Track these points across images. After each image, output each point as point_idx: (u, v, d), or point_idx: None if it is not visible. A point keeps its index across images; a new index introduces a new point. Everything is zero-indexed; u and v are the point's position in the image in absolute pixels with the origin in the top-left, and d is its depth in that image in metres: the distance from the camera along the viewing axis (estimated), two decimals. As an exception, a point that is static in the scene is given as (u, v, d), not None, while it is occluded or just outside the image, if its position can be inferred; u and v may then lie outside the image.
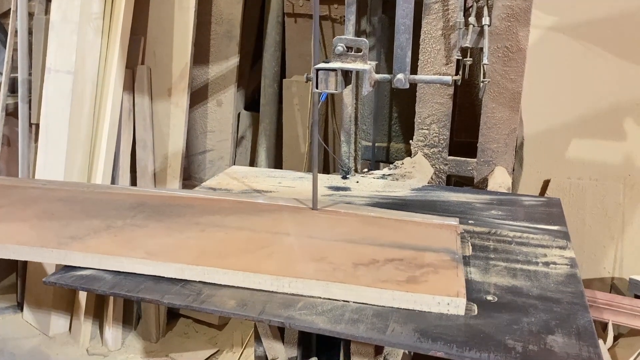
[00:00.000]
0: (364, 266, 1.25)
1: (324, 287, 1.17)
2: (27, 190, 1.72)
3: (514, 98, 2.09)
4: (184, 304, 1.20)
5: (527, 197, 1.89)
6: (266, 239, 1.38)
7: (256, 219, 1.50)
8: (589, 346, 1.05)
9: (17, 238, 1.36)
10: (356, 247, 1.35)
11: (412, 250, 1.34)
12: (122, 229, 1.42)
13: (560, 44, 2.47)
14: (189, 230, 1.42)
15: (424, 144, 2.26)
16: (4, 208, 1.57)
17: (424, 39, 2.13)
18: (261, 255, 1.30)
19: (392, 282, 1.18)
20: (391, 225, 1.49)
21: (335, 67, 1.37)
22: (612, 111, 2.41)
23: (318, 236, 1.41)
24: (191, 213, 1.53)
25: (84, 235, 1.38)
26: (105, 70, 2.81)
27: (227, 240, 1.37)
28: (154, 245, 1.34)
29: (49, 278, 1.31)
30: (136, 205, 1.59)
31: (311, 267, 1.24)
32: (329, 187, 1.96)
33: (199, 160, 3.27)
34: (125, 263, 1.27)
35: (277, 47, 3.16)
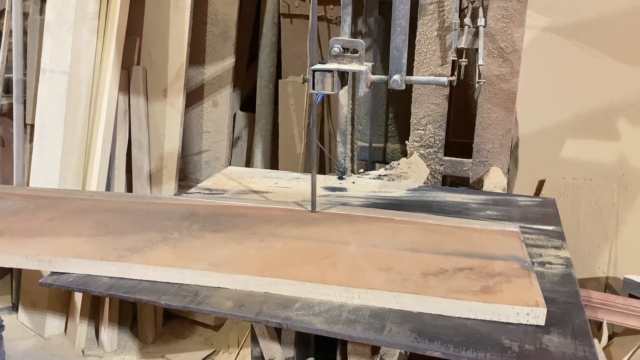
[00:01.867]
0: (434, 276, 1.22)
1: (396, 298, 1.14)
2: (74, 201, 1.69)
3: (509, 98, 2.10)
4: (181, 305, 1.20)
5: (522, 198, 1.90)
6: (326, 249, 1.35)
7: (312, 228, 1.47)
8: (584, 345, 1.05)
9: (75, 251, 1.33)
10: (421, 256, 1.32)
11: (480, 258, 1.31)
12: (180, 240, 1.39)
13: (554, 44, 2.48)
14: (248, 241, 1.40)
15: (419, 144, 2.26)
16: (55, 220, 1.54)
17: (420, 40, 2.14)
18: (325, 266, 1.26)
19: (466, 292, 1.15)
20: (451, 233, 1.46)
21: (332, 68, 1.37)
22: (606, 111, 2.42)
23: (379, 245, 1.38)
24: (245, 223, 1.51)
25: (142, 247, 1.35)
26: (101, 71, 2.80)
27: (287, 250, 1.35)
28: (215, 256, 1.31)
29: (46, 279, 1.31)
30: (188, 215, 1.56)
31: (380, 277, 1.21)
32: (326, 188, 1.96)
33: (194, 160, 3.27)
34: (188, 275, 1.24)
35: (272, 48, 3.16)
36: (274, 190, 1.92)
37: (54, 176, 2.73)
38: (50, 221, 1.54)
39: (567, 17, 2.43)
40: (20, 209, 1.64)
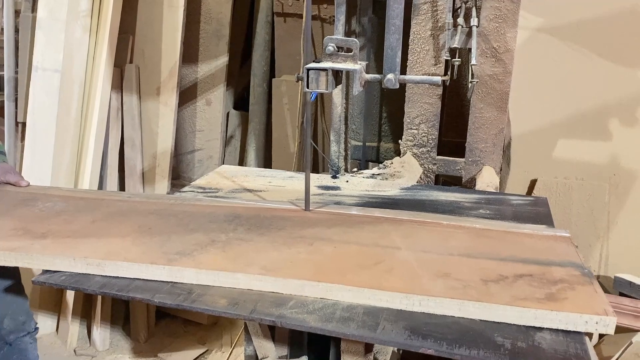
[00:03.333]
0: (494, 283, 1.19)
1: (459, 305, 1.12)
2: (113, 203, 1.68)
3: (501, 98, 2.11)
4: (175, 304, 1.20)
5: (515, 197, 1.91)
6: (378, 254, 1.33)
7: (359, 232, 1.46)
8: (576, 343, 1.06)
9: (123, 255, 1.31)
10: (477, 262, 1.30)
11: (537, 264, 1.28)
12: (229, 244, 1.38)
13: (547, 45, 2.50)
14: (297, 245, 1.38)
15: (412, 143, 2.27)
16: (97, 222, 1.52)
17: (413, 40, 2.14)
18: (380, 271, 1.25)
19: (531, 300, 1.12)
20: (502, 238, 1.44)
21: (326, 67, 1.38)
22: (597, 112, 2.44)
23: (432, 250, 1.36)
24: (290, 225, 1.49)
25: (192, 250, 1.34)
26: (93, 69, 2.79)
27: (338, 254, 1.33)
28: (266, 260, 1.29)
29: (38, 278, 1.30)
30: (231, 217, 1.55)
31: (439, 284, 1.19)
32: (319, 187, 1.96)
33: (187, 159, 3.26)
34: (242, 279, 1.22)
35: (266, 47, 3.16)
36: (268, 189, 1.92)
37: (46, 175, 2.72)
38: (92, 223, 1.52)
39: (560, 18, 2.45)
40: (60, 210, 1.62)
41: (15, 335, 1.83)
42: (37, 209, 1.63)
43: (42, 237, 1.42)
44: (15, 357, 1.85)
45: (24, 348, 1.87)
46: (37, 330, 1.93)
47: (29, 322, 1.88)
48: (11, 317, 1.82)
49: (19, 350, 1.85)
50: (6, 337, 1.82)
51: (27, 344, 1.87)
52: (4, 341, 1.83)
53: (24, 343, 1.86)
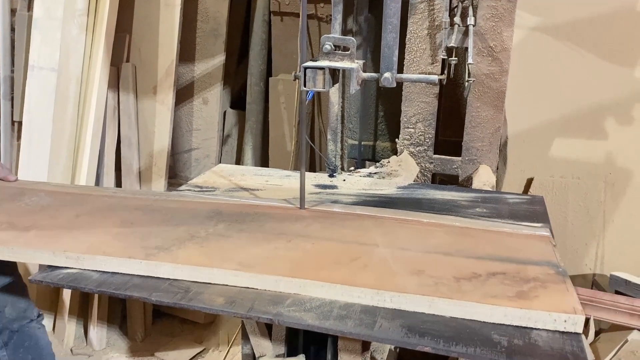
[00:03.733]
0: (467, 280, 1.21)
1: (430, 302, 1.13)
2: (101, 198, 1.68)
3: (498, 97, 2.12)
4: (173, 302, 1.20)
5: (511, 195, 1.92)
6: (356, 251, 1.35)
7: (340, 229, 1.47)
8: (572, 340, 1.07)
9: (102, 249, 1.33)
10: (453, 260, 1.31)
11: (513, 263, 1.29)
12: (207, 239, 1.39)
13: (543, 44, 2.50)
14: (276, 241, 1.39)
15: (409, 142, 2.27)
16: (81, 217, 1.53)
17: (410, 39, 2.15)
18: (355, 268, 1.26)
19: (502, 297, 1.13)
20: (482, 236, 1.46)
21: (324, 66, 1.38)
22: (593, 111, 2.45)
23: (410, 248, 1.37)
24: (272, 222, 1.51)
25: (170, 245, 1.35)
26: (90, 68, 2.78)
27: (315, 251, 1.34)
28: (244, 256, 1.30)
29: (35, 277, 1.30)
30: (213, 214, 1.55)
31: (412, 281, 1.20)
32: (316, 185, 1.97)
33: (184, 158, 3.26)
34: (217, 274, 1.23)
35: (263, 46, 3.16)
36: (265, 188, 1.92)
37: (42, 173, 2.71)
38: (76, 218, 1.53)
39: (556, 17, 2.46)
40: (46, 205, 1.63)
41: (19, 323, 1.86)
42: (24, 203, 1.64)
43: (26, 231, 1.44)
44: (27, 344, 1.88)
45: (33, 334, 1.89)
46: (42, 317, 1.96)
47: (30, 309, 1.90)
48: (12, 306, 1.84)
49: (28, 336, 1.88)
50: (10, 326, 1.85)
51: (34, 330, 1.90)
52: (9, 329, 1.85)
53: (31, 329, 1.89)
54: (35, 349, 1.89)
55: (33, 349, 1.89)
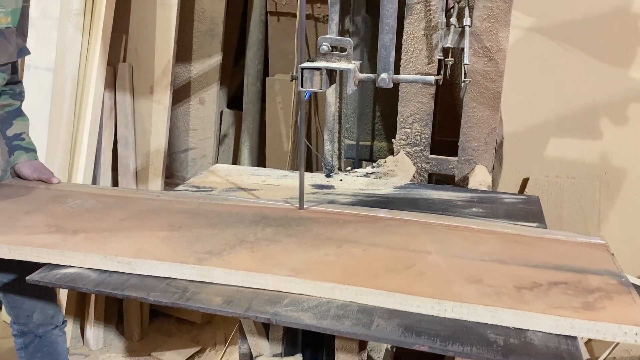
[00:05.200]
0: (528, 290, 1.18)
1: (492, 312, 1.10)
2: (142, 201, 1.68)
3: (494, 97, 2.13)
4: (170, 302, 1.21)
5: (507, 195, 1.93)
6: (408, 258, 1.32)
7: (388, 236, 1.45)
8: (567, 339, 1.08)
9: (153, 253, 1.32)
10: (510, 269, 1.28)
11: (572, 272, 1.26)
12: (257, 244, 1.38)
13: (538, 44, 2.52)
14: (325, 247, 1.37)
15: (406, 142, 2.28)
16: (127, 220, 1.53)
17: (407, 39, 2.15)
18: (410, 276, 1.23)
19: (567, 308, 1.10)
20: (534, 244, 1.42)
21: (321, 66, 1.38)
22: (588, 111, 2.46)
23: (463, 255, 1.34)
24: (318, 227, 1.49)
25: (221, 250, 1.34)
26: (86, 68, 2.78)
27: (367, 258, 1.32)
28: (295, 262, 1.29)
29: (33, 276, 1.30)
30: (259, 218, 1.55)
31: (471, 290, 1.17)
32: (313, 186, 1.97)
33: (181, 158, 3.26)
34: (270, 281, 1.22)
35: (260, 46, 3.16)
36: (262, 188, 1.93)
37: (39, 173, 2.70)
38: (122, 221, 1.52)
39: (552, 18, 2.47)
40: (90, 208, 1.63)
41: (44, 328, 1.87)
42: (68, 206, 1.64)
43: (74, 234, 1.43)
44: (45, 350, 1.89)
45: (54, 340, 1.90)
46: (66, 324, 1.97)
47: (57, 316, 1.92)
48: (40, 311, 1.85)
49: (49, 342, 1.89)
50: (35, 330, 1.86)
51: (56, 337, 1.91)
52: (34, 334, 1.86)
53: (54, 336, 1.90)
54: (52, 356, 1.90)
55: (50, 355, 1.90)
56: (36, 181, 1.84)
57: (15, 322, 1.85)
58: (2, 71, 1.73)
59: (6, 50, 1.70)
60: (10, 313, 1.84)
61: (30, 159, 1.87)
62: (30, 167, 1.85)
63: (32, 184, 1.82)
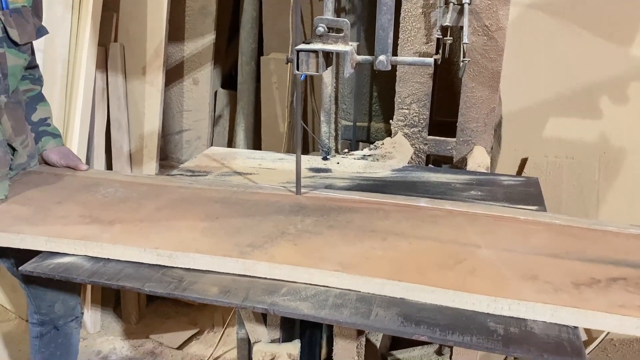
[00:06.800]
0: (587, 287, 1.13)
1: (552, 311, 1.07)
2: (177, 190, 1.63)
3: (493, 77, 2.09)
4: (166, 292, 1.19)
5: (506, 177, 1.91)
6: (457, 252, 1.28)
7: (434, 227, 1.40)
8: (567, 327, 1.07)
9: (194, 245, 1.29)
10: (565, 263, 1.23)
11: (630, 267, 1.21)
12: (299, 237, 1.34)
13: (538, 21, 2.46)
14: (369, 239, 1.33)
15: (404, 123, 2.25)
16: (163, 210, 1.48)
17: (404, 17, 2.10)
18: (463, 271, 1.19)
19: (631, 307, 1.06)
20: (586, 236, 1.37)
21: (317, 49, 1.34)
22: (588, 89, 2.43)
23: (514, 249, 1.29)
24: (359, 218, 1.45)
25: (263, 243, 1.31)
26: (77, 48, 2.71)
27: (414, 251, 1.28)
28: (341, 255, 1.25)
29: (26, 267, 1.28)
30: (297, 208, 1.51)
31: (527, 287, 1.13)
32: (310, 169, 1.95)
33: (175, 140, 3.22)
34: (317, 275, 1.19)
35: (254, 24, 3.09)
36: (258, 172, 1.90)
37: (31, 157, 2.66)
38: (157, 211, 1.48)
39: (552, -6, 2.42)
40: (123, 197, 1.58)
41: (64, 320, 1.85)
42: (100, 195, 1.60)
43: (110, 225, 1.40)
44: (60, 341, 1.87)
45: (69, 332, 1.89)
46: (82, 315, 1.96)
47: (77, 307, 1.90)
48: (62, 302, 1.83)
49: (64, 334, 1.88)
50: (55, 322, 1.84)
51: (72, 329, 1.90)
52: (53, 325, 1.84)
53: (70, 328, 1.89)
54: (65, 347, 1.89)
55: (64, 346, 1.89)
56: (64, 168, 1.79)
57: (36, 312, 1.82)
58: (24, 52, 1.67)
59: (25, 29, 1.64)
60: (32, 303, 1.82)
61: (57, 144, 1.83)
62: (58, 153, 1.81)
63: (60, 171, 1.77)
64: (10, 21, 1.59)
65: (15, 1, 1.60)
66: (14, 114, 1.67)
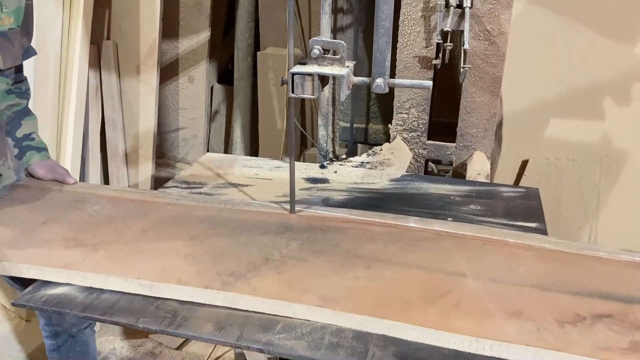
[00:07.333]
0: (571, 325, 1.10)
1: (534, 353, 1.04)
2: (164, 207, 1.60)
3: (494, 83, 2.05)
4: (160, 329, 1.18)
5: (506, 188, 1.88)
6: (442, 282, 1.25)
7: (421, 253, 1.37)
8: None
9: (176, 274, 1.26)
10: (551, 296, 1.20)
11: (617, 301, 1.17)
12: (283, 264, 1.31)
13: (541, 18, 2.40)
14: (354, 267, 1.30)
15: (402, 128, 2.21)
16: (148, 232, 1.46)
17: (404, 21, 2.05)
18: (446, 306, 1.17)
19: (614, 350, 1.02)
20: (576, 263, 1.33)
21: (312, 72, 1.30)
22: (591, 90, 2.38)
23: (501, 279, 1.26)
24: (346, 241, 1.42)
25: (245, 271, 1.28)
26: (69, 46, 2.65)
27: (399, 281, 1.25)
28: (325, 286, 1.23)
29: (18, 300, 1.26)
30: (283, 229, 1.47)
31: (511, 325, 1.10)
32: (307, 179, 1.92)
33: (171, 138, 3.18)
34: (299, 310, 1.17)
35: (250, 17, 3.02)
36: (255, 183, 1.87)
37: (26, 157, 2.63)
38: (143, 233, 1.45)
39: (556, -10, 2.35)
40: (109, 216, 1.55)
41: (77, 327, 1.84)
42: (86, 213, 1.57)
43: (94, 251, 1.37)
44: (78, 349, 1.87)
45: (86, 340, 1.89)
46: (96, 323, 1.95)
47: None
48: None
49: (81, 342, 1.87)
50: (69, 330, 1.83)
51: (88, 336, 1.89)
52: (68, 334, 1.83)
53: (86, 335, 1.88)
54: (84, 356, 1.89)
55: (82, 355, 1.88)
56: (51, 181, 1.77)
57: (47, 323, 1.81)
58: (6, 76, 1.64)
59: (10, 53, 1.60)
60: (41, 316, 1.80)
61: (42, 158, 1.80)
62: (44, 167, 1.78)
63: (47, 185, 1.74)
64: None
65: (2, 24, 1.55)
66: None
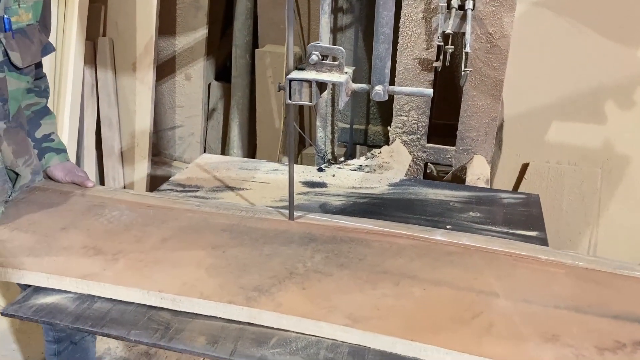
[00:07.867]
0: (611, 352, 1.06)
1: None
2: (183, 214, 1.56)
3: (495, 86, 2.02)
4: (152, 342, 1.15)
5: (506, 194, 1.86)
6: (473, 302, 1.20)
7: (449, 269, 1.32)
8: None
9: (199, 288, 1.23)
10: (587, 320, 1.15)
11: None
12: (307, 278, 1.28)
13: (543, 20, 2.37)
14: (381, 283, 1.26)
15: (402, 130, 2.18)
16: (169, 241, 1.42)
17: (404, 22, 2.02)
18: (479, 328, 1.12)
19: None
20: (610, 283, 1.29)
21: (310, 78, 1.27)
22: (593, 94, 2.35)
23: (534, 300, 1.22)
24: (371, 255, 1.38)
25: (270, 286, 1.24)
26: (64, 43, 2.61)
27: (428, 301, 1.21)
28: (351, 305, 1.19)
29: (7, 310, 1.24)
30: (306, 240, 1.44)
31: (546, 350, 1.05)
32: (305, 183, 1.89)
33: (168, 135, 3.14)
34: (326, 329, 1.13)
35: (248, 15, 2.98)
36: (252, 187, 1.84)
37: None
38: (163, 242, 1.42)
39: (559, -9, 2.31)
40: (129, 222, 1.52)
41: (80, 335, 1.82)
42: (105, 219, 1.54)
43: (114, 260, 1.34)
44: (78, 356, 1.85)
45: (86, 347, 1.87)
46: None
47: None
48: None
49: (82, 349, 1.85)
50: (72, 337, 1.81)
51: (89, 343, 1.88)
52: (70, 341, 1.81)
53: (87, 342, 1.87)
54: None
55: None
56: (69, 184, 1.73)
57: (51, 329, 1.78)
58: (26, 74, 1.58)
59: (29, 50, 1.54)
60: None
61: (62, 160, 1.77)
62: (63, 169, 1.75)
63: (65, 188, 1.71)
64: (13, 44, 1.48)
65: (20, 20, 1.47)
66: (15, 138, 1.60)
